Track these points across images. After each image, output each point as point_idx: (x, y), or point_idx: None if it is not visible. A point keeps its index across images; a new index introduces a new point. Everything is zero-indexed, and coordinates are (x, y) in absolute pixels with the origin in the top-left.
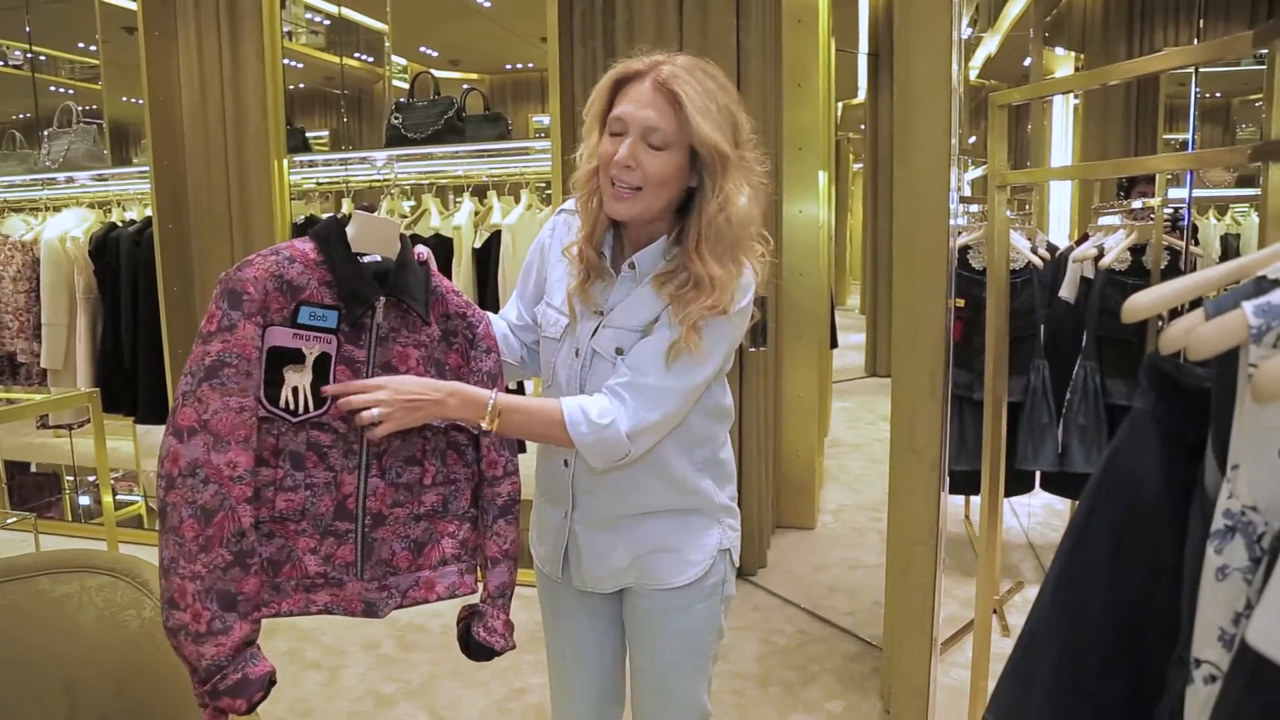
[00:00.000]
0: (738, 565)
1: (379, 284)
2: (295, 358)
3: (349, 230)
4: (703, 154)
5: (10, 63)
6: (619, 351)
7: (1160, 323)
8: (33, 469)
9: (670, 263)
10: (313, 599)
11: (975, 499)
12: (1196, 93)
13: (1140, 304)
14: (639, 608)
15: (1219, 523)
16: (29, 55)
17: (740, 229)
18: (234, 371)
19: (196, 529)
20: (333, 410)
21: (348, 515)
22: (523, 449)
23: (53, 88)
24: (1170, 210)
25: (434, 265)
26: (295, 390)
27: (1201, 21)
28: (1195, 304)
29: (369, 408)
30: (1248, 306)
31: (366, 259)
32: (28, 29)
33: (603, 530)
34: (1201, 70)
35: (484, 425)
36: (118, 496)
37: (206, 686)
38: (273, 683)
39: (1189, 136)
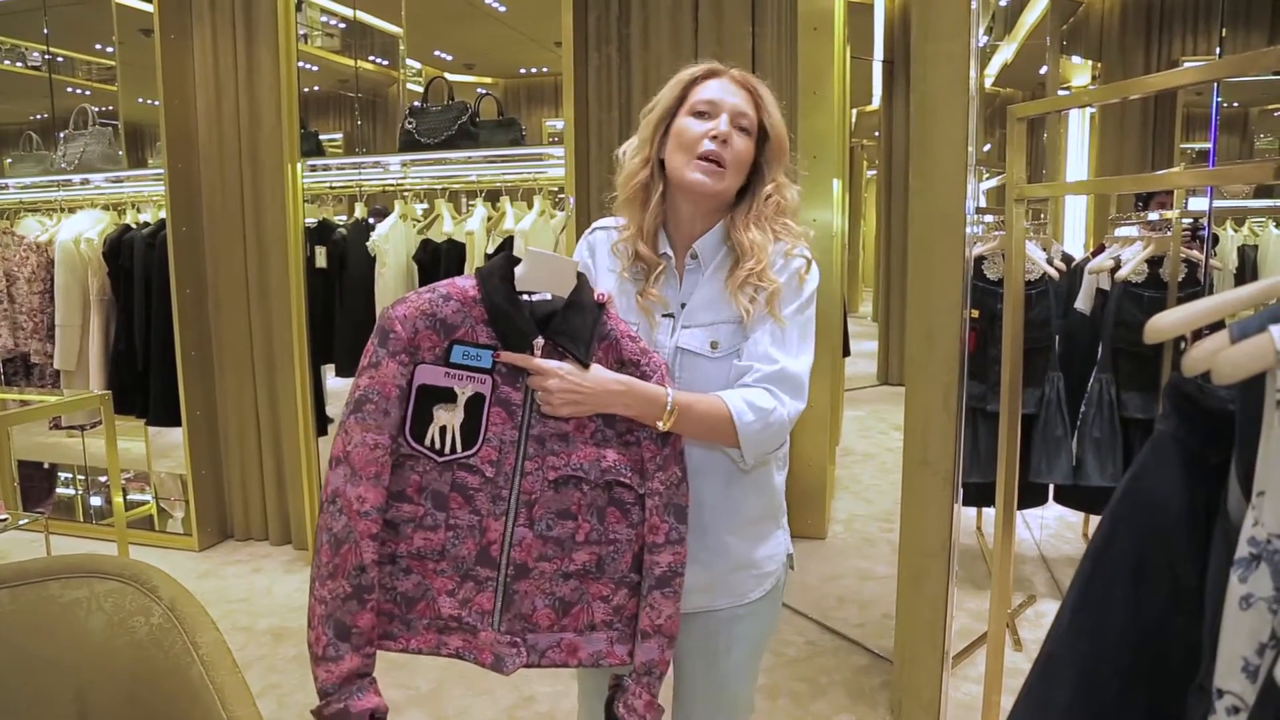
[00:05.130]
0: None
1: (543, 324)
2: (446, 397)
3: (519, 269)
4: (773, 141)
5: (29, 64)
6: (714, 346)
7: (1184, 343)
8: (44, 466)
9: (730, 254)
10: (445, 641)
11: (987, 510)
12: (1218, 102)
13: (1164, 324)
14: (701, 622)
15: (1243, 550)
16: (47, 56)
17: (790, 215)
18: (374, 408)
19: (328, 555)
20: (483, 453)
21: (490, 562)
22: None
23: (69, 89)
24: (1188, 221)
25: (614, 308)
26: (443, 429)
27: (1224, 30)
28: (1217, 324)
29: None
30: (1275, 330)
31: (536, 298)
32: (45, 30)
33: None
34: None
35: (661, 425)
36: (129, 497)
37: (318, 705)
38: (375, 718)
39: (1208, 147)
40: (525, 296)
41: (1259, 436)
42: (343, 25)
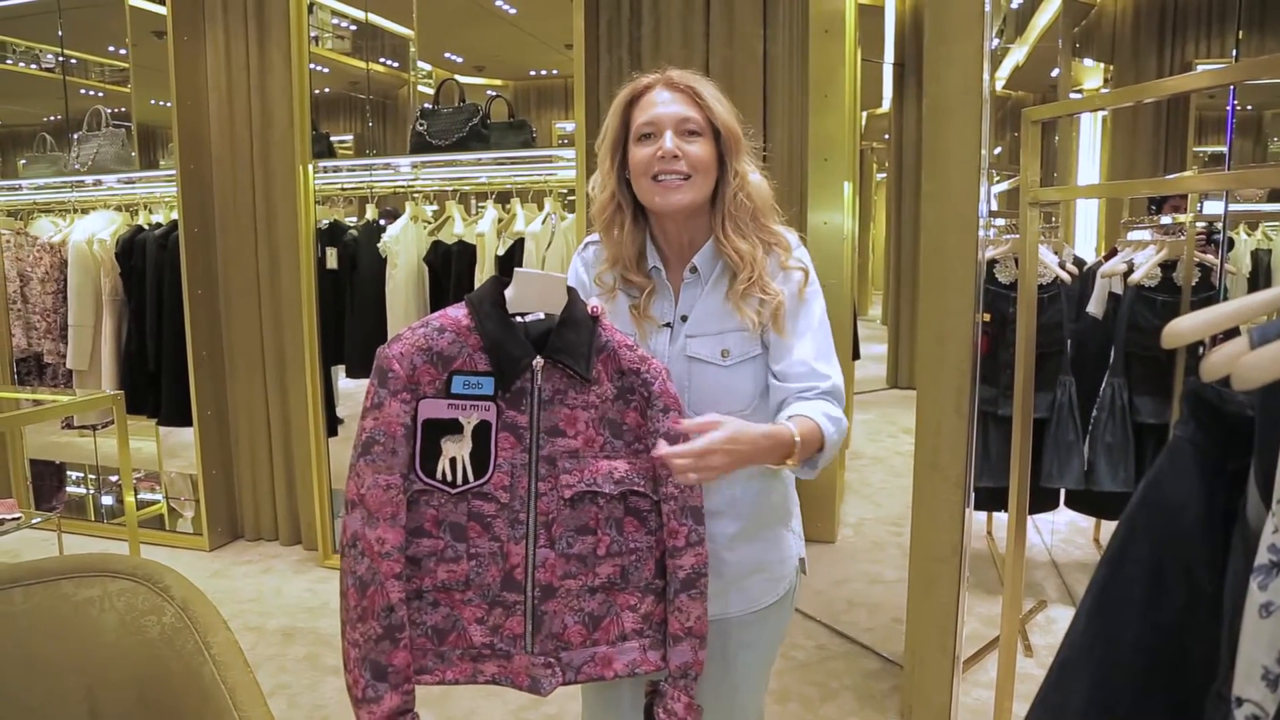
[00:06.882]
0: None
1: (540, 344)
2: (452, 428)
3: (509, 291)
4: (725, 134)
5: (43, 66)
6: (725, 354)
7: (1202, 349)
8: (56, 465)
9: (726, 267)
10: (480, 669)
11: (998, 515)
12: (1233, 105)
13: (1184, 328)
14: (713, 629)
15: (1263, 557)
16: (60, 58)
17: (759, 201)
18: (382, 449)
19: (356, 598)
20: (495, 480)
21: (515, 586)
22: None
23: (83, 90)
24: (1202, 225)
25: (607, 319)
26: (453, 461)
27: (1241, 33)
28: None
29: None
30: None
31: (530, 318)
32: (59, 33)
33: None
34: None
35: (790, 463)
36: (139, 496)
37: None
38: None
39: (1222, 150)
40: (518, 318)
41: (1279, 443)
42: (353, 27)
